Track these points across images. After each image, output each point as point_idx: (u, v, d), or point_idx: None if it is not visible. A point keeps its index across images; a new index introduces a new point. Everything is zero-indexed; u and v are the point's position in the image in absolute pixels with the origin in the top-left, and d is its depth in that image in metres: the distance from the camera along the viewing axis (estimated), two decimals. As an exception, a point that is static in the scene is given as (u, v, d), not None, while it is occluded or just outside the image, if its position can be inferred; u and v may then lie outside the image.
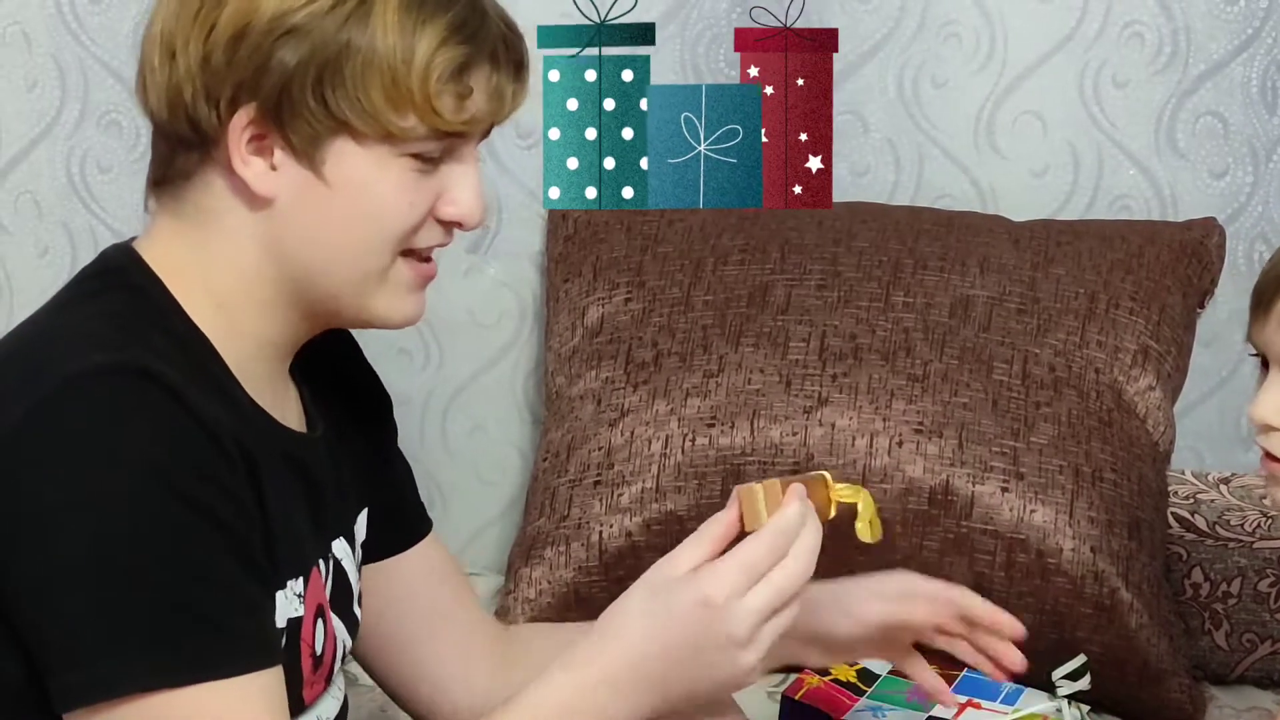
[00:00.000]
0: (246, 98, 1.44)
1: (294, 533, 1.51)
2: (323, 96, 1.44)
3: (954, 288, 2.28)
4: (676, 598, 1.45)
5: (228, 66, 1.44)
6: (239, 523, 1.41)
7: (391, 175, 1.47)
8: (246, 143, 1.45)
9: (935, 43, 2.43)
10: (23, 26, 2.43)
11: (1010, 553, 2.14)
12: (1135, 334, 2.28)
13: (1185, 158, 2.45)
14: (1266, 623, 2.25)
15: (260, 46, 1.43)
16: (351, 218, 1.48)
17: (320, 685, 1.58)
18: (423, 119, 1.45)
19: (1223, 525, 2.27)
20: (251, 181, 1.46)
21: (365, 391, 1.72)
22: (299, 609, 1.51)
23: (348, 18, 1.44)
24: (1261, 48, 2.41)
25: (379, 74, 1.44)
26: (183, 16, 1.45)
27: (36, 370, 1.41)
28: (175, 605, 1.37)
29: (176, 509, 1.37)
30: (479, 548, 2.53)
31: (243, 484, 1.42)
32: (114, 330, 1.43)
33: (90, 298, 1.50)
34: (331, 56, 1.43)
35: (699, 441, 2.19)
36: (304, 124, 1.44)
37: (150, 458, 1.37)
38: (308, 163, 1.46)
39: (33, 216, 2.49)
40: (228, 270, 1.49)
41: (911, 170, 2.47)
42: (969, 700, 1.98)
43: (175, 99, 1.46)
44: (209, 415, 1.40)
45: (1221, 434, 2.52)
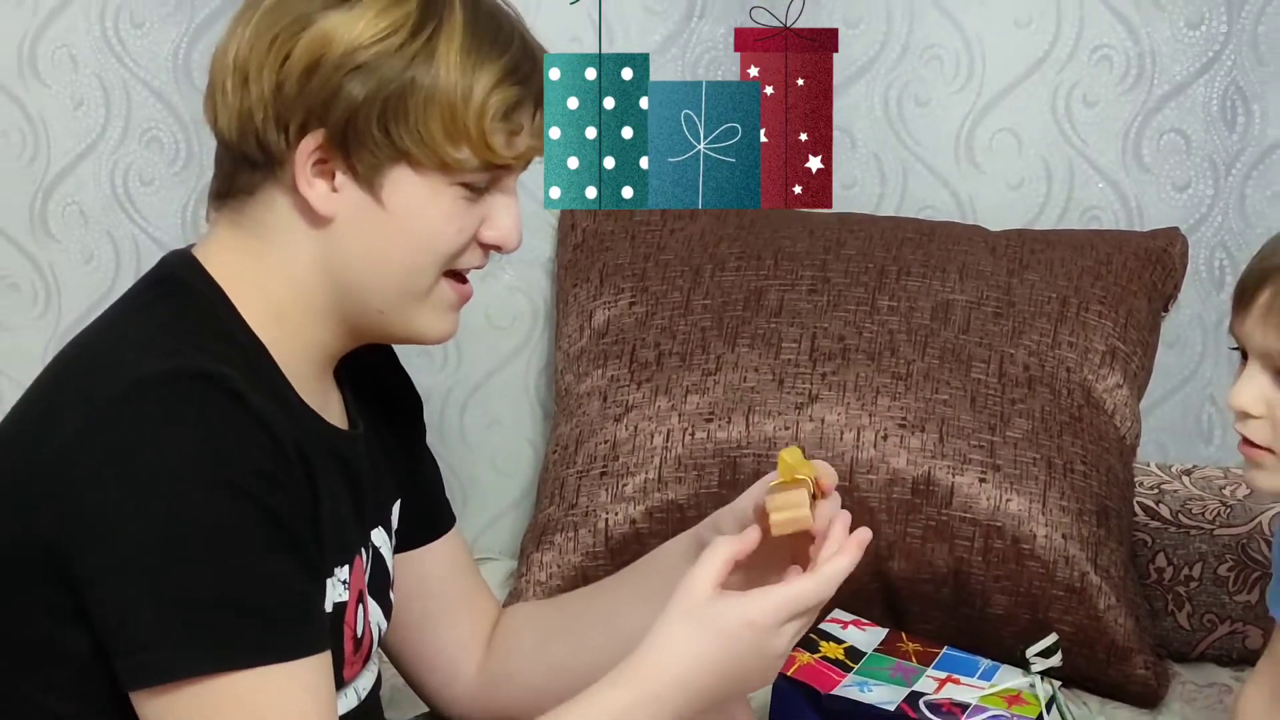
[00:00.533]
0: (315, 124, 1.47)
1: (340, 523, 1.53)
2: (386, 128, 1.47)
3: (935, 293, 2.29)
4: (722, 619, 1.47)
5: (299, 95, 1.46)
6: (294, 518, 1.42)
7: (443, 202, 1.50)
8: (312, 165, 1.48)
9: (918, 65, 2.43)
10: (70, 49, 2.41)
11: (988, 539, 2.15)
12: (1104, 335, 2.29)
13: (1150, 172, 2.45)
14: (1226, 604, 2.26)
15: (331, 79, 1.46)
16: (403, 239, 1.50)
17: (359, 664, 1.60)
18: (475, 152, 1.48)
19: (1185, 514, 2.28)
20: (314, 202, 1.48)
21: (400, 394, 1.74)
22: (344, 594, 1.54)
23: (414, 57, 1.46)
24: (1221, 70, 2.41)
25: (439, 110, 1.46)
26: (258, 46, 1.47)
27: (103, 374, 1.42)
28: (235, 596, 1.38)
29: (237, 505, 1.38)
30: (494, 533, 2.53)
31: (299, 481, 1.44)
32: (177, 336, 1.45)
33: (153, 304, 1.51)
34: (396, 92, 1.46)
35: (698, 435, 2.21)
36: (367, 152, 1.47)
37: (213, 457, 1.38)
38: (367, 187, 1.48)
39: (79, 226, 2.47)
40: (284, 281, 1.51)
41: (896, 183, 2.48)
42: (948, 676, 2.01)
43: (246, 122, 1.48)
44: (268, 417, 1.41)
45: (1184, 429, 2.53)
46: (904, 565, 2.18)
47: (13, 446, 1.48)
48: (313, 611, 1.46)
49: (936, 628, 2.18)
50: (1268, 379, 1.69)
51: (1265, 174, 2.46)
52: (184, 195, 2.47)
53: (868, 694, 1.96)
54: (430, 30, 1.48)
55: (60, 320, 2.50)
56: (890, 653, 2.05)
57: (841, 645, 2.04)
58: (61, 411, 1.43)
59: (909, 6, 2.43)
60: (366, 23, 1.47)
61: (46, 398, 1.48)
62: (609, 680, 1.48)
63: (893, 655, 2.05)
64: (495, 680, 1.76)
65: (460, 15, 1.49)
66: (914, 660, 2.04)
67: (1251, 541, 2.26)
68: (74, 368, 1.49)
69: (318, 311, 1.53)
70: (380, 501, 1.65)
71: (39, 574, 1.42)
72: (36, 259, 2.49)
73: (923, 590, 2.19)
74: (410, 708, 1.90)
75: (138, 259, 2.48)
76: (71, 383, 1.46)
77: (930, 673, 2.02)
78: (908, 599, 2.20)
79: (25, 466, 1.43)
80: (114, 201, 2.48)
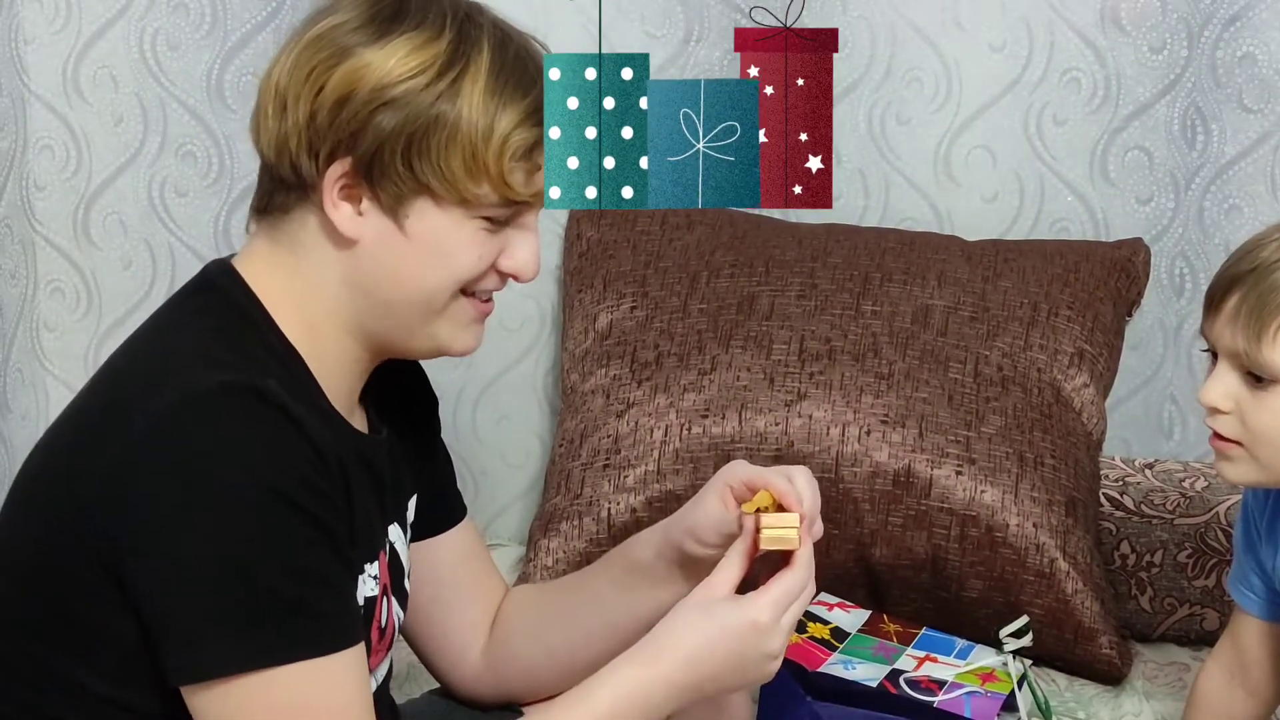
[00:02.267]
0: (343, 153, 1.46)
1: (368, 522, 1.53)
2: (410, 162, 1.45)
3: (915, 298, 2.29)
4: (731, 617, 1.51)
5: (330, 125, 1.45)
6: (335, 522, 1.43)
7: (464, 234, 1.48)
8: (338, 190, 1.47)
9: (900, 86, 2.43)
10: (111, 70, 2.42)
11: (963, 527, 2.16)
12: (1072, 338, 2.30)
13: (1116, 186, 2.45)
14: (1185, 589, 2.26)
15: (360, 112, 1.45)
16: (423, 265, 1.49)
17: (382, 654, 1.61)
18: (495, 189, 1.47)
19: (1147, 504, 2.28)
20: (339, 224, 1.47)
21: (418, 394, 1.73)
22: (374, 589, 1.54)
23: (439, 95, 1.44)
24: (1182, 91, 2.40)
25: (461, 148, 1.45)
26: (296, 74, 1.47)
27: (157, 385, 1.42)
28: (281, 594, 1.39)
29: (285, 512, 1.39)
30: (504, 522, 2.54)
31: (338, 488, 1.44)
32: (226, 349, 1.45)
33: (199, 313, 1.51)
34: (421, 128, 1.44)
35: (694, 430, 2.21)
36: (391, 184, 1.46)
37: (261, 467, 1.38)
38: (391, 215, 1.47)
39: (119, 234, 2.47)
40: (317, 295, 1.51)
41: (879, 196, 2.48)
42: (927, 655, 2.02)
43: (283, 147, 1.47)
44: (313, 429, 1.42)
45: (1146, 425, 2.52)
46: (885, 552, 2.18)
47: (70, 446, 1.47)
48: (352, 607, 1.47)
49: (916, 610, 2.19)
50: (1236, 377, 1.70)
51: (1222, 188, 2.45)
52: (216, 206, 2.48)
53: (851, 671, 1.97)
54: (457, 70, 1.45)
55: (100, 322, 2.51)
56: (873, 633, 2.06)
57: (827, 626, 2.05)
58: (121, 416, 1.42)
59: (892, 32, 2.42)
60: (398, 60, 1.45)
61: (105, 401, 1.47)
62: (627, 658, 1.52)
63: (875, 635, 2.06)
64: (499, 661, 1.75)
65: (487, 56, 1.47)
66: (895, 640, 2.05)
67: (1209, 530, 2.26)
68: (131, 373, 1.48)
69: (347, 325, 1.52)
70: (398, 500, 1.64)
71: (92, 566, 1.41)
72: (79, 265, 2.50)
73: (903, 575, 2.20)
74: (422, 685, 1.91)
75: (173, 265, 2.49)
76: (130, 388, 1.45)
77: (910, 652, 2.03)
78: (889, 583, 2.21)
79: (85, 466, 1.43)
80: (151, 211, 2.48)
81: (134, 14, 2.42)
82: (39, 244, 2.48)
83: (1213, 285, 1.72)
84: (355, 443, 1.53)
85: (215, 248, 2.47)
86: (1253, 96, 2.41)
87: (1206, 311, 1.72)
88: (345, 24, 1.47)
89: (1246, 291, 1.67)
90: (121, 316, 2.49)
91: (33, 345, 2.49)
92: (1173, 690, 2.17)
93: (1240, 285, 1.68)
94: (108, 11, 2.42)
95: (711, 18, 2.42)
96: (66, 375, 2.50)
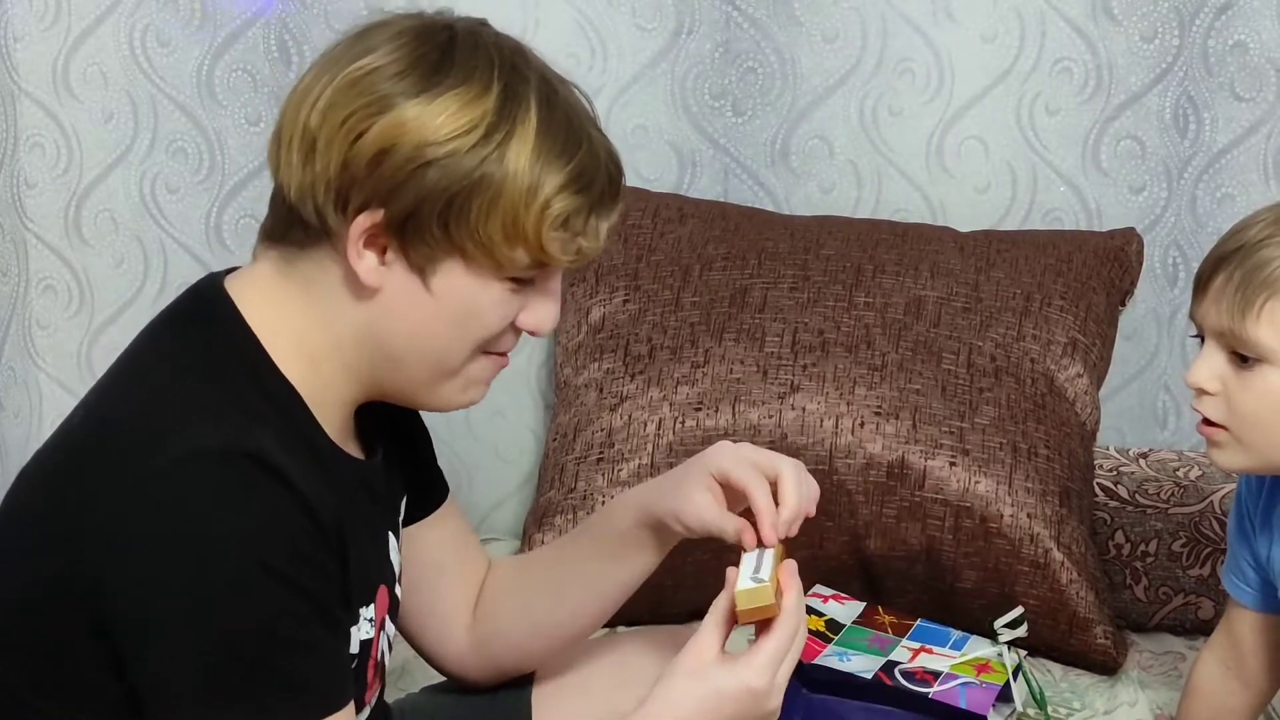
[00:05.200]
0: (376, 205, 1.38)
1: (365, 565, 1.49)
2: (446, 223, 1.39)
3: (908, 289, 2.29)
4: (728, 683, 1.47)
5: (367, 179, 1.38)
6: (325, 589, 1.39)
7: (491, 295, 1.43)
8: (364, 240, 1.40)
9: (892, 77, 2.42)
10: (101, 66, 2.41)
11: (958, 518, 2.16)
12: (1065, 329, 2.30)
13: (1108, 176, 2.44)
14: (1179, 578, 2.26)
15: (402, 169, 1.37)
16: (446, 324, 1.43)
17: (379, 684, 1.57)
18: (531, 255, 1.41)
19: (1141, 494, 2.28)
20: (362, 274, 1.40)
21: None
22: (369, 631, 1.50)
23: (485, 159, 1.38)
24: (1174, 80, 2.40)
25: (503, 213, 1.39)
26: (330, 118, 1.39)
27: (154, 438, 1.36)
28: (269, 667, 1.35)
29: (273, 587, 1.34)
30: (499, 516, 2.53)
31: (331, 552, 1.40)
32: (224, 397, 1.39)
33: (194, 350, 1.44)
34: (465, 190, 1.38)
35: (688, 423, 2.21)
36: (423, 244, 1.39)
37: (254, 541, 1.33)
38: (418, 273, 1.41)
39: (110, 231, 2.47)
40: (323, 336, 1.44)
41: (872, 187, 2.47)
42: (921, 646, 2.01)
43: (307, 192, 1.40)
44: (308, 491, 1.37)
45: (1140, 415, 2.53)
46: (880, 544, 2.18)
47: (62, 490, 1.40)
48: (340, 670, 1.43)
49: (911, 601, 2.19)
50: (1223, 357, 1.69)
51: (1215, 177, 2.45)
52: (207, 202, 2.48)
53: (847, 663, 1.97)
54: (505, 131, 1.39)
55: (93, 319, 2.50)
56: (868, 625, 2.06)
57: (822, 618, 2.05)
58: (116, 468, 1.36)
59: (883, 23, 2.41)
60: (446, 118, 1.38)
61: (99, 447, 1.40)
62: None
63: (870, 627, 2.06)
64: (485, 638, 1.72)
65: (535, 117, 1.40)
66: (890, 632, 2.05)
67: (1203, 519, 2.26)
68: (128, 416, 1.40)
69: (350, 368, 1.46)
70: (392, 513, 1.61)
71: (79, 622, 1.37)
72: (71, 262, 2.50)
73: (898, 567, 2.19)
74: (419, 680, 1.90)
75: (165, 262, 2.49)
76: (126, 436, 1.38)
77: (905, 643, 2.03)
78: (884, 575, 2.21)
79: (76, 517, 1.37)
80: (142, 208, 2.48)
81: (124, 10, 2.42)
82: (30, 242, 2.48)
83: (1201, 266, 1.72)
84: (357, 471, 1.50)
85: (207, 244, 2.47)
86: (1244, 85, 2.42)
87: (1194, 293, 1.72)
88: (385, 69, 1.40)
89: (1232, 270, 1.66)
90: (113, 314, 2.49)
91: (25, 343, 2.48)
92: (1168, 680, 2.17)
93: (1226, 264, 1.67)
94: (97, 8, 2.41)
95: (702, 10, 2.41)
96: (59, 373, 2.51)
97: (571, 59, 2.40)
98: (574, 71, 2.39)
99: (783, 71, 2.43)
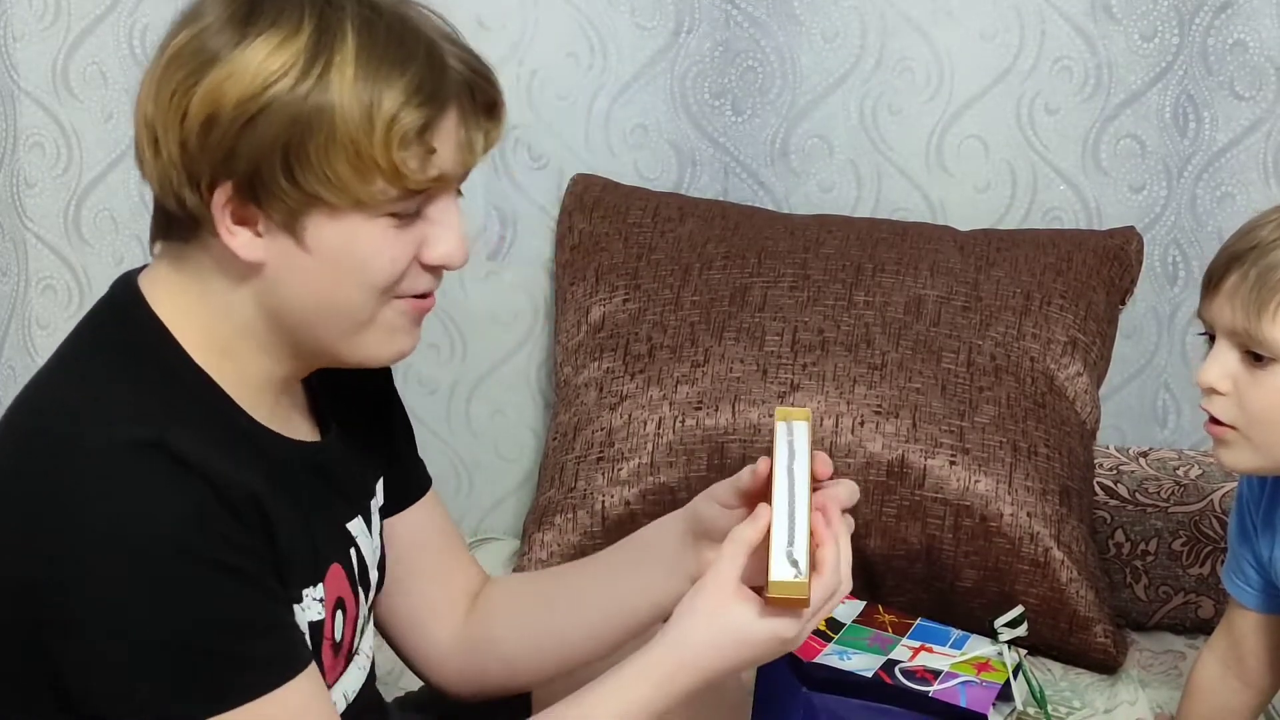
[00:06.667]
0: (223, 178, 1.34)
1: (309, 544, 1.45)
2: (292, 175, 1.33)
3: (908, 288, 2.29)
4: (753, 631, 1.41)
5: (202, 152, 1.33)
6: (250, 564, 1.35)
7: (370, 237, 1.36)
8: (230, 216, 1.35)
9: (891, 76, 2.42)
10: (100, 66, 2.40)
11: (958, 517, 2.16)
12: (1065, 327, 2.30)
13: (1108, 175, 2.44)
14: (1180, 577, 2.26)
15: (229, 131, 1.32)
16: (335, 278, 1.37)
17: (341, 666, 1.52)
18: (390, 183, 1.34)
19: (1141, 493, 2.28)
20: (239, 250, 1.36)
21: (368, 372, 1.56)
22: (319, 612, 1.46)
23: (307, 95, 1.32)
24: (1174, 79, 2.40)
25: (342, 148, 1.32)
26: (159, 102, 1.35)
27: (62, 439, 1.33)
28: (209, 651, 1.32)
29: (193, 569, 1.31)
30: (499, 515, 2.53)
31: (252, 530, 1.36)
32: (132, 396, 1.36)
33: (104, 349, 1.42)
34: (295, 136, 1.32)
35: (688, 423, 2.21)
36: (278, 201, 1.34)
37: (167, 527, 1.30)
38: (289, 233, 1.35)
39: (110, 230, 2.46)
40: (227, 321, 1.40)
41: (871, 186, 2.47)
42: (922, 645, 2.01)
43: (165, 182, 1.36)
44: (220, 475, 1.33)
45: (1140, 414, 2.53)
46: (880, 543, 2.18)
47: None
48: (286, 633, 1.39)
49: (911, 600, 2.19)
50: (1234, 357, 1.68)
51: (1214, 176, 2.44)
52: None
53: (847, 662, 1.97)
54: (323, 63, 1.33)
55: (92, 318, 2.49)
56: (868, 624, 2.05)
57: (822, 617, 2.03)
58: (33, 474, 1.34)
59: (883, 22, 2.41)
60: (259, 66, 1.32)
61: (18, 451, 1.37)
62: (637, 672, 1.43)
63: (870, 626, 2.05)
64: (476, 645, 1.67)
65: (353, 41, 1.34)
66: (890, 631, 2.04)
67: (1203, 518, 2.25)
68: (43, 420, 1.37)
69: (266, 345, 1.42)
70: (360, 492, 1.57)
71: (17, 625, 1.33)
72: (71, 262, 2.50)
73: (898, 566, 2.19)
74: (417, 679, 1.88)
75: (164, 261, 2.48)
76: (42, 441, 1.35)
77: (905, 642, 2.02)
78: (884, 574, 2.20)
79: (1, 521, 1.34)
80: (142, 208, 2.44)
81: (123, 10, 2.41)
82: (30, 241, 2.47)
83: (1211, 265, 1.70)
84: (293, 455, 1.46)
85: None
86: (1244, 84, 2.41)
87: (1205, 292, 1.70)
88: (205, 31, 1.35)
89: (1247, 269, 1.65)
90: (113, 314, 2.49)
91: (25, 343, 2.48)
92: (1168, 678, 2.17)
93: (1240, 263, 1.66)
94: (97, 8, 2.41)
95: (702, 8, 2.41)
96: (59, 373, 2.50)
97: (571, 58, 2.40)
98: (574, 71, 2.44)
99: (782, 70, 2.43)
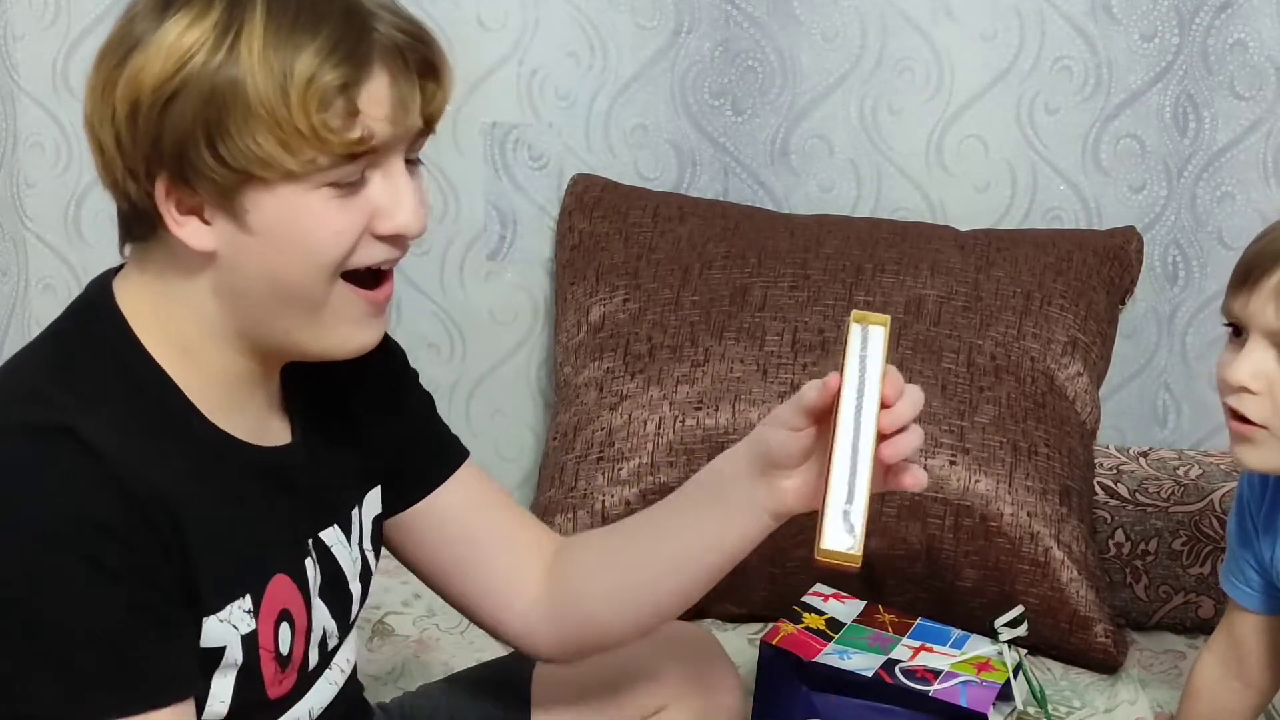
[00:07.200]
0: (158, 168, 1.32)
1: (241, 553, 1.40)
2: (217, 153, 1.30)
3: (908, 288, 2.29)
4: None
5: (134, 143, 1.32)
6: (144, 575, 1.30)
7: (311, 210, 1.33)
8: (175, 207, 1.33)
9: (891, 76, 2.42)
10: None
11: (958, 517, 2.16)
12: (1065, 327, 2.30)
13: (1108, 174, 2.44)
14: (1180, 576, 2.27)
15: (150, 117, 1.30)
16: (283, 257, 1.34)
17: (291, 679, 1.47)
18: (318, 150, 1.31)
19: (1142, 493, 2.28)
20: (188, 240, 1.34)
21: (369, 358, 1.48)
22: (250, 624, 1.40)
23: (218, 70, 1.29)
24: (1174, 79, 2.40)
25: (260, 119, 1.30)
26: (93, 100, 1.34)
27: None
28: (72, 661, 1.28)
29: (76, 568, 1.27)
30: (499, 515, 2.56)
31: (155, 537, 1.31)
32: (55, 382, 1.34)
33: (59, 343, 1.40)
34: (213, 113, 1.29)
35: (688, 422, 2.21)
36: (209, 183, 1.31)
37: (55, 517, 1.27)
38: (229, 216, 1.33)
39: (110, 230, 2.27)
40: (189, 317, 1.38)
41: (871, 186, 2.47)
42: (922, 645, 2.01)
43: (110, 181, 1.36)
44: (130, 471, 1.30)
45: (1140, 414, 2.53)
46: (880, 542, 2.17)
47: None
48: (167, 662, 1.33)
49: (911, 600, 2.19)
50: (1272, 356, 1.64)
51: (1214, 176, 2.45)
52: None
53: (847, 661, 1.96)
54: (232, 34, 1.30)
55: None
56: (868, 623, 2.05)
57: (823, 617, 2.04)
58: None
59: (883, 22, 2.41)
60: (169, 47, 1.30)
61: None
62: None
63: (870, 626, 2.05)
64: (561, 609, 1.62)
65: (261, 12, 1.31)
66: (890, 630, 2.04)
67: (1203, 518, 2.25)
68: None
69: (227, 340, 1.40)
70: (336, 500, 1.53)
71: None
72: (71, 262, 2.49)
73: (898, 565, 2.19)
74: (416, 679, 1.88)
75: (165, 261, 2.48)
76: None
77: (905, 642, 2.02)
78: (884, 574, 2.20)
79: None
80: (142, 208, 2.46)
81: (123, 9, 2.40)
82: (30, 241, 2.47)
83: (1249, 261, 1.65)
84: (249, 458, 1.43)
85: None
86: (1244, 84, 2.41)
87: (1239, 288, 1.65)
88: (133, 19, 1.34)
89: None
90: (113, 315, 2.48)
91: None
92: (1168, 678, 2.17)
93: None
94: (97, 8, 2.41)
95: (702, 8, 2.41)
96: (59, 373, 2.50)
97: (571, 58, 2.40)
98: (574, 70, 2.44)
99: (782, 70, 2.43)
